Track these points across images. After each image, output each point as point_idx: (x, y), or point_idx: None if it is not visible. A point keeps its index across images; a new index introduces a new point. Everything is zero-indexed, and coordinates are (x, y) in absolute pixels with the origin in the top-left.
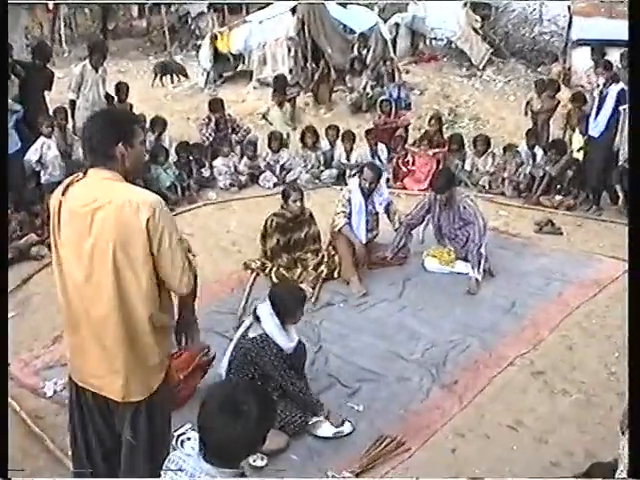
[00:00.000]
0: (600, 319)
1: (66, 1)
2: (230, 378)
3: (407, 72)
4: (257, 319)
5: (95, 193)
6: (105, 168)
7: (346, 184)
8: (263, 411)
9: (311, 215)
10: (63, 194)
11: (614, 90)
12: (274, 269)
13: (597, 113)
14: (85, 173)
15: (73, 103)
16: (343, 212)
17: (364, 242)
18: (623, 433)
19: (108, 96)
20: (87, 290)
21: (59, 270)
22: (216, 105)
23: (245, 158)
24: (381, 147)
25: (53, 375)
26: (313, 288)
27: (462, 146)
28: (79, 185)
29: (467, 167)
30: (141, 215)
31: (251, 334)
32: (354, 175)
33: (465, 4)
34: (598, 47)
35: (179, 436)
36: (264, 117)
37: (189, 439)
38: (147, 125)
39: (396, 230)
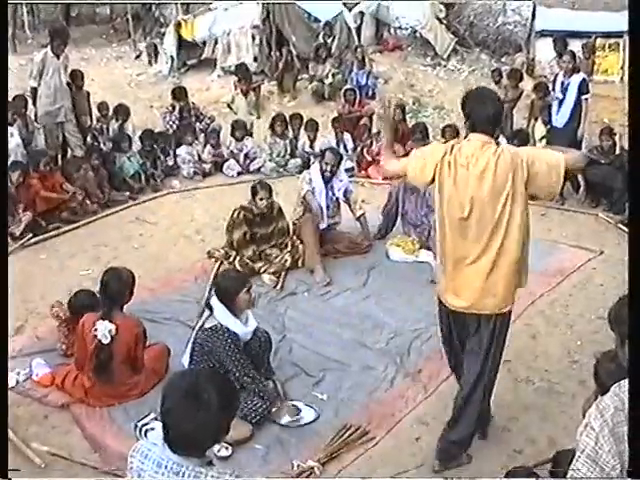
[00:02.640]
0: (563, 308)
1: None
2: (191, 368)
3: (372, 61)
4: (210, 310)
5: (477, 151)
6: (484, 134)
7: None
8: (225, 399)
9: (280, 210)
10: (451, 152)
11: (575, 80)
12: (238, 258)
13: (560, 104)
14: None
15: (34, 90)
16: (307, 187)
17: (325, 226)
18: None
19: (70, 83)
20: (467, 224)
21: (440, 210)
22: (180, 93)
23: (209, 146)
24: (347, 136)
25: (15, 366)
26: (278, 277)
27: (426, 135)
28: (464, 145)
29: None
30: (513, 161)
31: (207, 325)
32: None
33: None
34: (561, 38)
35: (143, 426)
36: (229, 106)
37: (153, 429)
38: (110, 113)
39: (357, 219)
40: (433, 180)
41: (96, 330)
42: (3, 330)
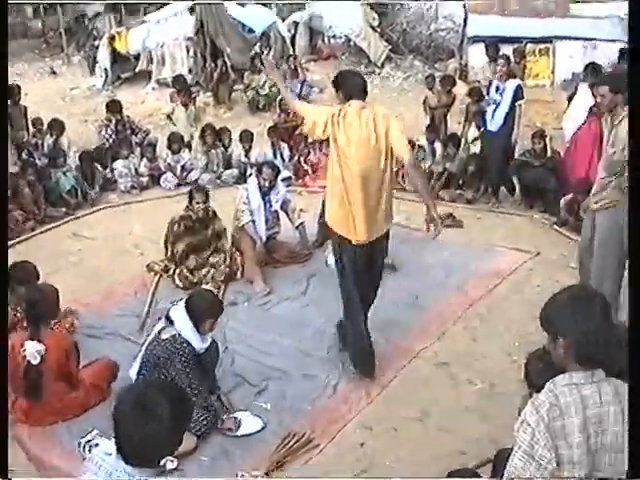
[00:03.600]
0: (501, 309)
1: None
2: (143, 380)
3: (307, 70)
4: (170, 322)
5: (359, 112)
6: (361, 99)
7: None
8: (176, 411)
9: (215, 213)
10: (339, 114)
11: (511, 85)
12: (178, 271)
13: (494, 108)
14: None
15: None
16: (246, 209)
17: (264, 240)
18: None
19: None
20: (361, 166)
21: (338, 159)
22: (114, 107)
23: (145, 160)
24: (283, 145)
25: None
26: (218, 289)
27: None
28: (348, 109)
29: None
30: (382, 119)
31: (164, 335)
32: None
33: (362, 2)
34: (492, 43)
35: (86, 443)
36: (169, 117)
37: (97, 445)
38: (45, 128)
39: (296, 228)
40: (326, 136)
41: (24, 351)
42: (3, 329)
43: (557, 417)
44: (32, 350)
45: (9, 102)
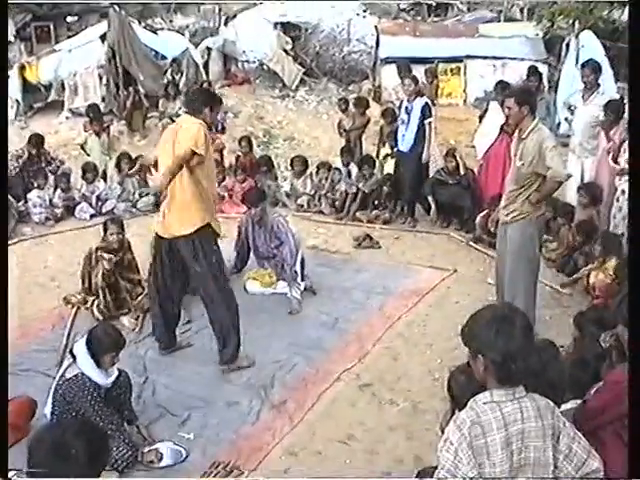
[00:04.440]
0: (421, 328)
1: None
2: (58, 421)
3: (221, 95)
4: (74, 357)
5: (175, 124)
6: (194, 116)
7: None
8: (93, 452)
9: (129, 243)
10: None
11: (418, 104)
12: (96, 303)
13: (405, 128)
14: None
15: None
16: None
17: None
18: (443, 432)
19: None
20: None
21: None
22: (36, 140)
23: (59, 190)
24: None
25: None
26: (137, 319)
27: (272, 167)
28: (178, 119)
29: (286, 188)
30: (180, 128)
31: (67, 375)
32: None
33: (275, 26)
34: (404, 64)
35: None
36: (82, 147)
37: None
38: None
39: None
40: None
41: None
42: (3, 333)
43: (479, 435)
44: None
45: None
